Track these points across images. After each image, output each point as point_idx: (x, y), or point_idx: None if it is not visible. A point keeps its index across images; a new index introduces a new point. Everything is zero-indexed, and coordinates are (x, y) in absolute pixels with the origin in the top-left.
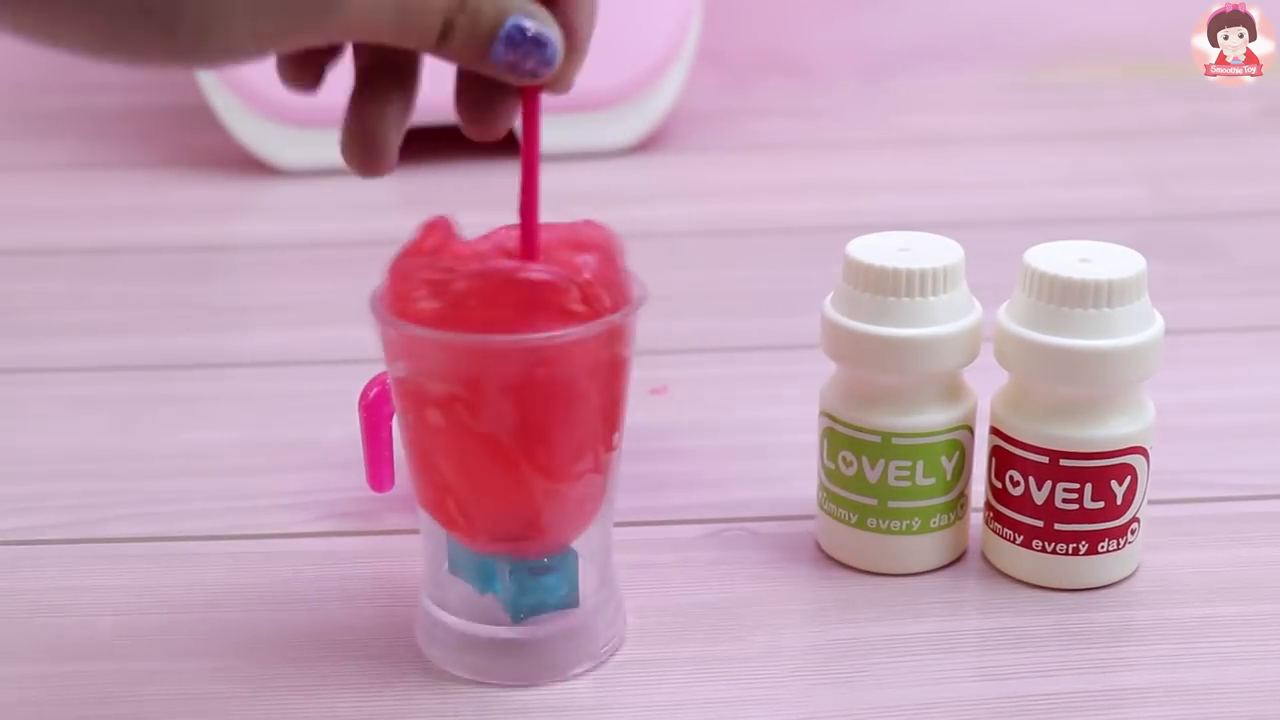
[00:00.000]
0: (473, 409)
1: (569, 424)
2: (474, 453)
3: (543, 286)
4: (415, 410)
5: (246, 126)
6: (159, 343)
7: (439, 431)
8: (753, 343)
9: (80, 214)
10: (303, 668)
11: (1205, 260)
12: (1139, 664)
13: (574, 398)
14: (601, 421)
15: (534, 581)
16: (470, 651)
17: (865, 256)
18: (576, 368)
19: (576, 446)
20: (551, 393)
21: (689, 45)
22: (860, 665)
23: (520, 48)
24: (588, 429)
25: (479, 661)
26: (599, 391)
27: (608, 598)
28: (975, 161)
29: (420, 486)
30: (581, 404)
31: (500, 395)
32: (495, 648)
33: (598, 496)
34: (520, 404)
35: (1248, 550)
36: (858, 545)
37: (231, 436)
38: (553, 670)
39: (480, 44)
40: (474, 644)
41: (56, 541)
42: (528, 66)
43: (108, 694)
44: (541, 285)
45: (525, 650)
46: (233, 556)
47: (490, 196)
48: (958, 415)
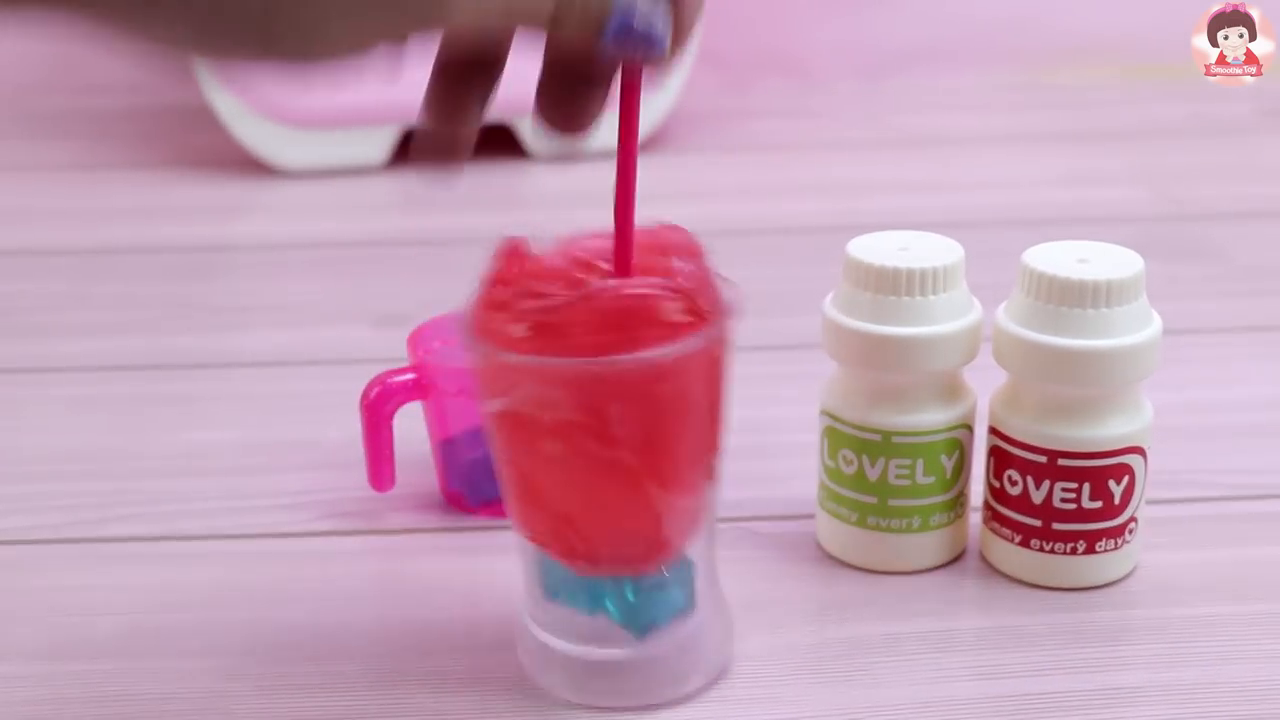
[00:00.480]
0: (595, 434)
1: (687, 435)
2: (596, 477)
3: (647, 301)
4: (527, 442)
5: (247, 127)
6: (159, 343)
7: (555, 461)
8: (753, 343)
9: (81, 214)
10: (303, 667)
11: (1204, 260)
12: (1136, 663)
13: (690, 409)
14: (712, 427)
15: (656, 596)
16: (592, 676)
17: (866, 256)
18: (692, 378)
19: (693, 456)
20: (670, 407)
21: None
22: (859, 664)
23: (631, 36)
24: (702, 437)
25: (600, 685)
26: (709, 398)
27: (717, 601)
28: (974, 162)
29: (530, 519)
30: (697, 413)
31: (623, 416)
32: (615, 669)
33: (709, 502)
34: (642, 422)
35: (1245, 550)
36: (858, 543)
37: (231, 436)
38: (674, 684)
39: (591, 29)
40: (596, 669)
41: (56, 541)
42: (637, 54)
43: (108, 694)
44: (646, 300)
45: (648, 667)
46: (233, 556)
47: (490, 196)
48: (957, 414)
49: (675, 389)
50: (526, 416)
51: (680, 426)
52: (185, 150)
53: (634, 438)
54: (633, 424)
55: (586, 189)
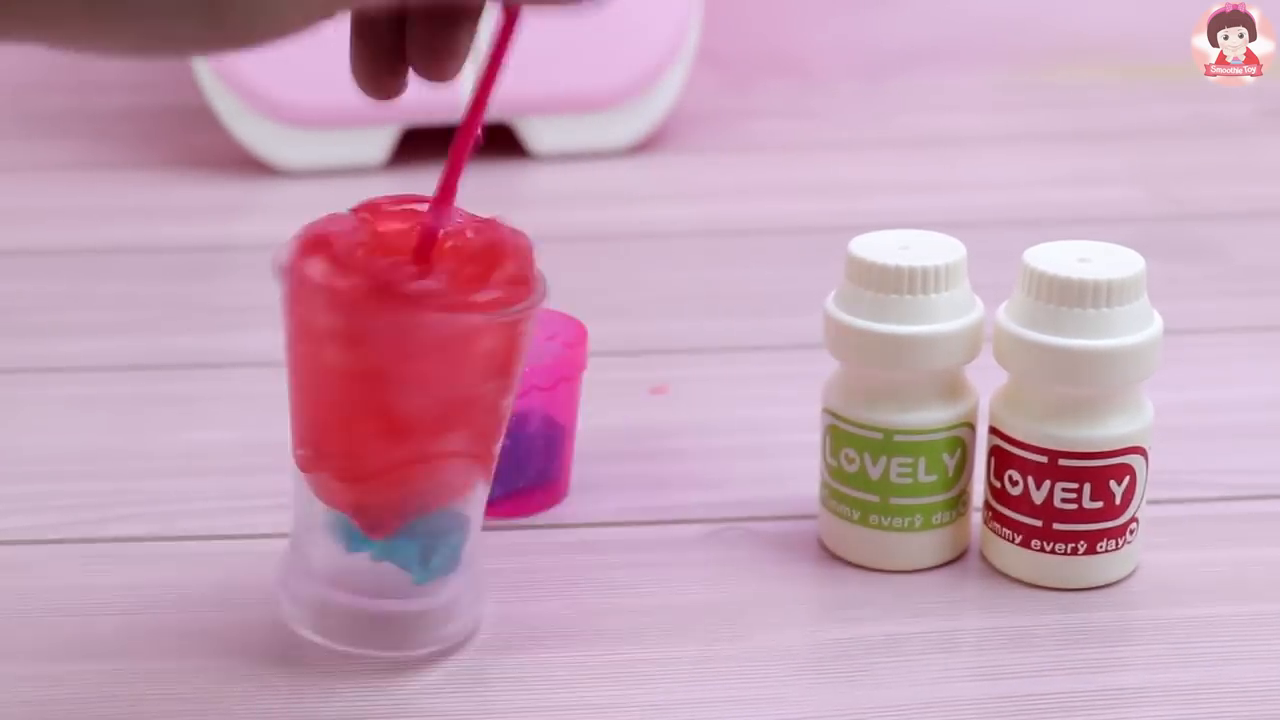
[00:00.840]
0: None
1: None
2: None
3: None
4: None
5: (247, 127)
6: (160, 343)
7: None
8: (753, 343)
9: (81, 214)
10: (303, 667)
11: (1205, 260)
12: (1137, 664)
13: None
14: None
15: (443, 544)
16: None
17: (868, 254)
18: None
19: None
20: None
21: (689, 45)
22: (860, 665)
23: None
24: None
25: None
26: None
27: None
28: (975, 162)
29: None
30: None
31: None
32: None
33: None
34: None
35: (1246, 550)
36: (860, 542)
37: (231, 436)
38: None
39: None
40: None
41: (57, 541)
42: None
43: (108, 694)
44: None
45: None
46: (233, 556)
47: (490, 196)
48: (959, 412)
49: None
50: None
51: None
52: (185, 150)
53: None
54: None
55: (587, 189)
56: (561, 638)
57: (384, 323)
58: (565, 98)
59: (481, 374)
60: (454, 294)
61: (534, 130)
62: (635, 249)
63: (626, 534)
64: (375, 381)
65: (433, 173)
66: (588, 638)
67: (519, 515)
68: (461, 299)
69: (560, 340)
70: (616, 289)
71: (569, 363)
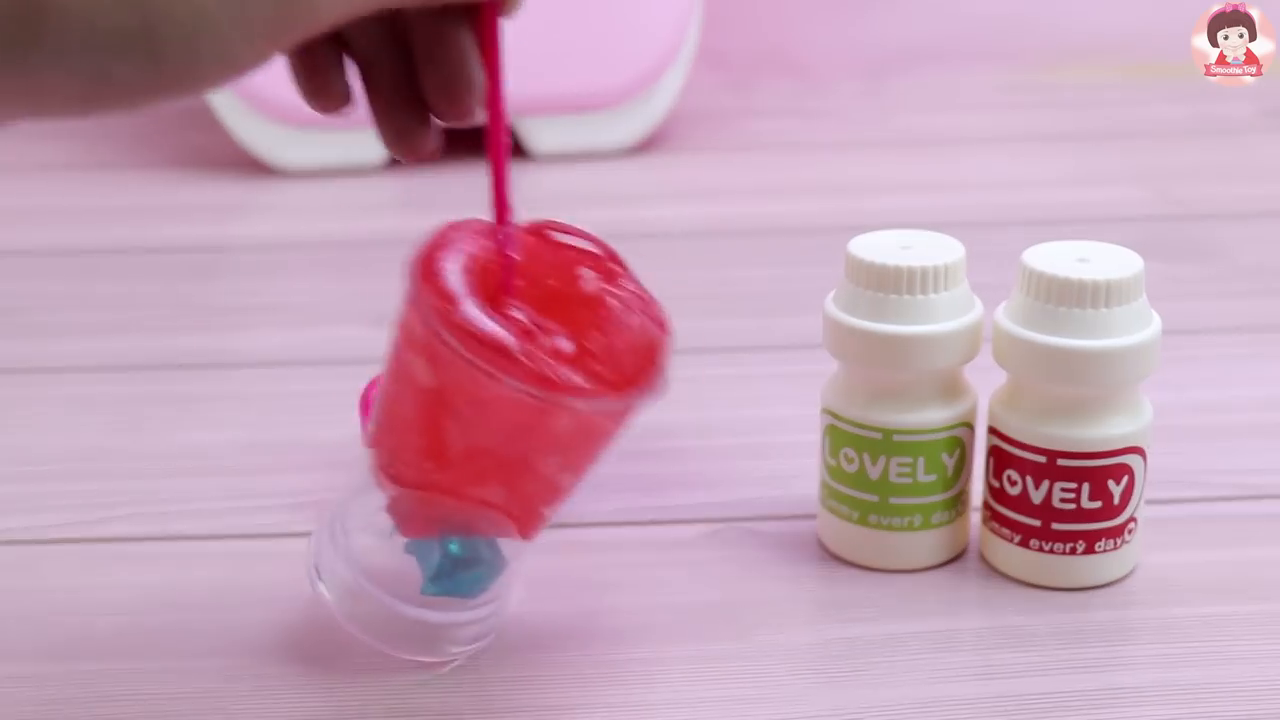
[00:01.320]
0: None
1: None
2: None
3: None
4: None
5: (246, 126)
6: (160, 343)
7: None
8: (753, 343)
9: (81, 214)
10: (303, 667)
11: (1206, 260)
12: (1136, 663)
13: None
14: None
15: (464, 571)
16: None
17: (867, 254)
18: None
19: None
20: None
21: (689, 45)
22: (859, 664)
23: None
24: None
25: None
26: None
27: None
28: (975, 161)
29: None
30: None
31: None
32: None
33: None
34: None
35: (1246, 550)
36: (859, 542)
37: (231, 436)
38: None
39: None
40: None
41: (57, 541)
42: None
43: (108, 694)
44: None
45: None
46: (233, 556)
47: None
48: (959, 412)
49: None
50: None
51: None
52: (185, 150)
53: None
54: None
55: (587, 189)
56: (561, 638)
57: (461, 361)
58: (565, 98)
59: (549, 447)
60: (542, 369)
61: (534, 130)
62: (635, 249)
63: (626, 534)
64: (440, 405)
65: (433, 174)
66: (587, 638)
67: None
68: (547, 376)
69: None
70: None
71: None
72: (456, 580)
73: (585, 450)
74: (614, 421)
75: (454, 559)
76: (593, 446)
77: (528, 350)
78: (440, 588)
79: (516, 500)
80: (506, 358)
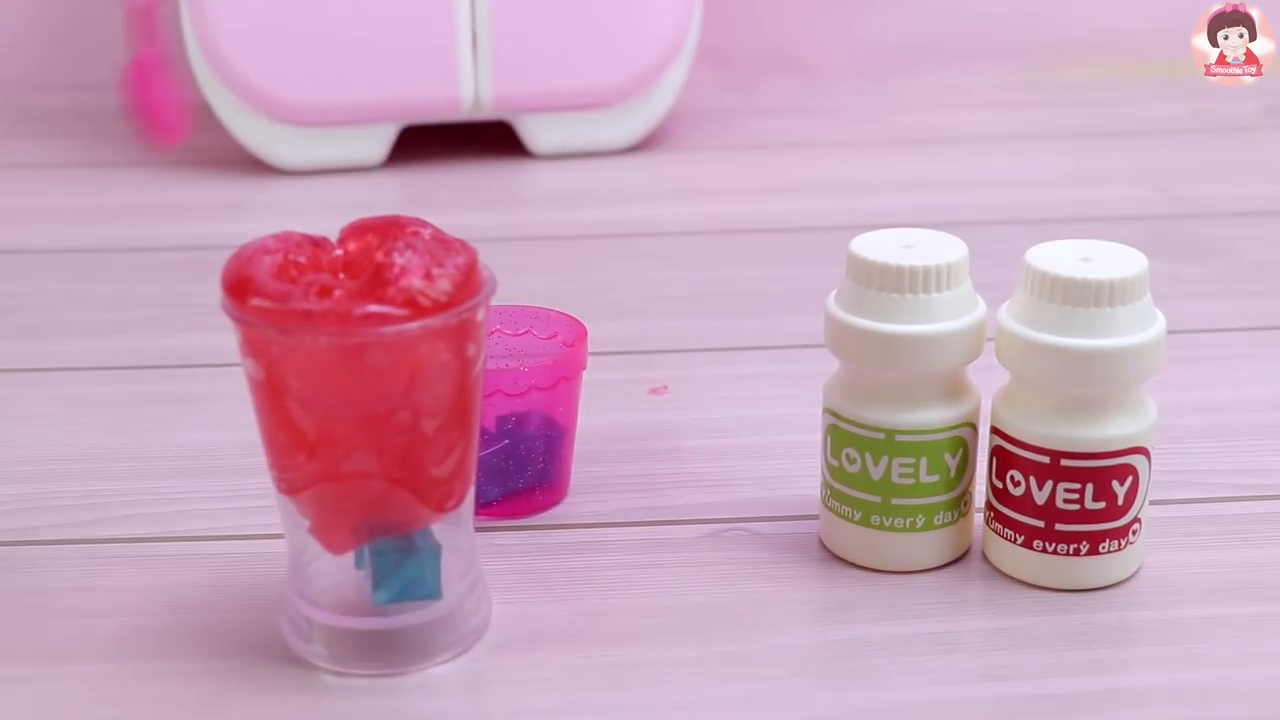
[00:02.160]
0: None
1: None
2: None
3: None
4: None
5: (246, 126)
6: (159, 342)
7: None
8: (753, 343)
9: (80, 213)
10: (303, 667)
11: (1209, 260)
12: (1140, 665)
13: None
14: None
15: (399, 570)
16: (345, 644)
17: (869, 253)
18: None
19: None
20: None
21: (689, 45)
22: (861, 665)
23: None
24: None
25: (351, 653)
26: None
27: (474, 584)
28: (977, 160)
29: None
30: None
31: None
32: (365, 638)
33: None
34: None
35: (1250, 551)
36: (861, 542)
37: (231, 436)
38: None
39: None
40: (349, 637)
41: (56, 541)
42: None
43: (108, 694)
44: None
45: (388, 639)
46: (233, 556)
47: (490, 196)
48: (961, 412)
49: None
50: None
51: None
52: (184, 149)
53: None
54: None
55: (587, 189)
56: (561, 638)
57: (268, 336)
58: (565, 97)
59: (387, 394)
60: (338, 309)
61: (534, 129)
62: (635, 248)
63: (626, 534)
64: (275, 392)
65: (433, 173)
66: (587, 638)
67: (519, 515)
68: (344, 313)
69: (560, 340)
70: (616, 288)
71: (569, 362)
72: (403, 578)
73: (430, 389)
74: (437, 349)
75: (388, 556)
76: (435, 384)
77: (297, 292)
78: (390, 592)
79: (396, 464)
80: (282, 306)
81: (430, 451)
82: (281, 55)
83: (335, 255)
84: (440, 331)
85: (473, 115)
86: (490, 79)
